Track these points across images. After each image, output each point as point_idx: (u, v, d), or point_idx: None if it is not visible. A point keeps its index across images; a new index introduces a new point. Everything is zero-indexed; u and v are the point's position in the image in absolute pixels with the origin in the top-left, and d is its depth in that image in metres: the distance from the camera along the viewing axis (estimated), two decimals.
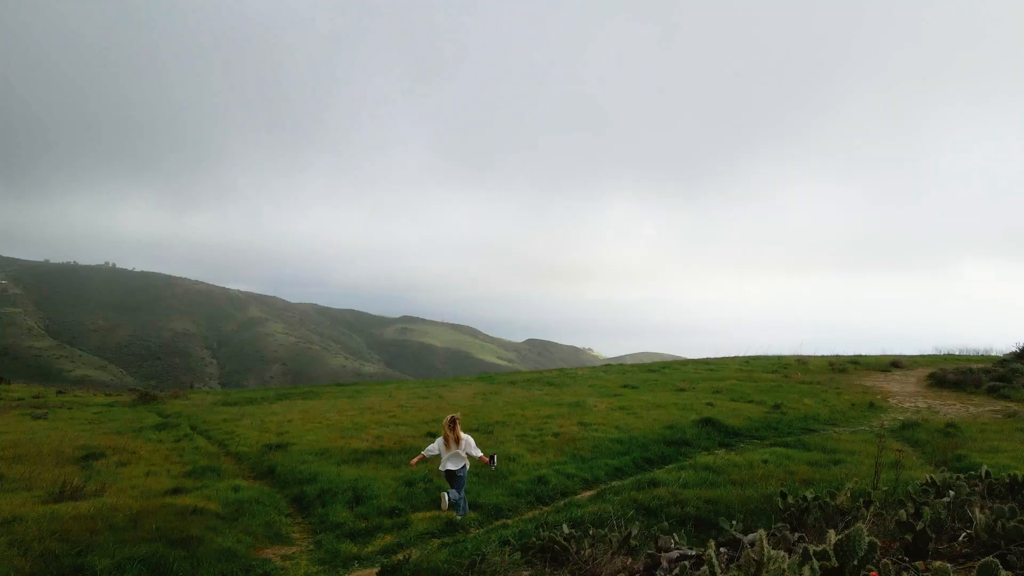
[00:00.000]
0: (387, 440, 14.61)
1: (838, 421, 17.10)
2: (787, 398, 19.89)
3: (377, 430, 16.01)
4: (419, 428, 16.05)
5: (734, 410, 17.89)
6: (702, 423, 15.60)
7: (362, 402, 22.00)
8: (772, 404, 18.67)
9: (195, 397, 28.15)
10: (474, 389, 25.26)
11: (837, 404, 19.26)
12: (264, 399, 25.00)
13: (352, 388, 28.06)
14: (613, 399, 20.27)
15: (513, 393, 23.32)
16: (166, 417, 21.35)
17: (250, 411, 20.94)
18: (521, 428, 15.39)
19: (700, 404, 18.68)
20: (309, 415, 19.02)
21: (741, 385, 23.17)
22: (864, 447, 12.77)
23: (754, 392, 21.34)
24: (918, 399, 21.46)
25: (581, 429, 15.23)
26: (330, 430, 16.23)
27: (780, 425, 16.06)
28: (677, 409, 17.92)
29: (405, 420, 17.22)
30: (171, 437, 16.30)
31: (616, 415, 17.08)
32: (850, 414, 18.12)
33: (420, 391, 24.98)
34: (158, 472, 12.17)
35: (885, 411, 19.03)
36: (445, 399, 21.99)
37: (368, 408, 20.01)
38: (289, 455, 13.29)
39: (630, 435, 14.42)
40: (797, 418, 17.03)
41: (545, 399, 20.97)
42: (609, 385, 25.08)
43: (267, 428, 16.96)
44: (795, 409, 18.14)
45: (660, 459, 12.71)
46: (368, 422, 17.12)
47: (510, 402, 20.55)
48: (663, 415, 17.00)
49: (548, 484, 10.75)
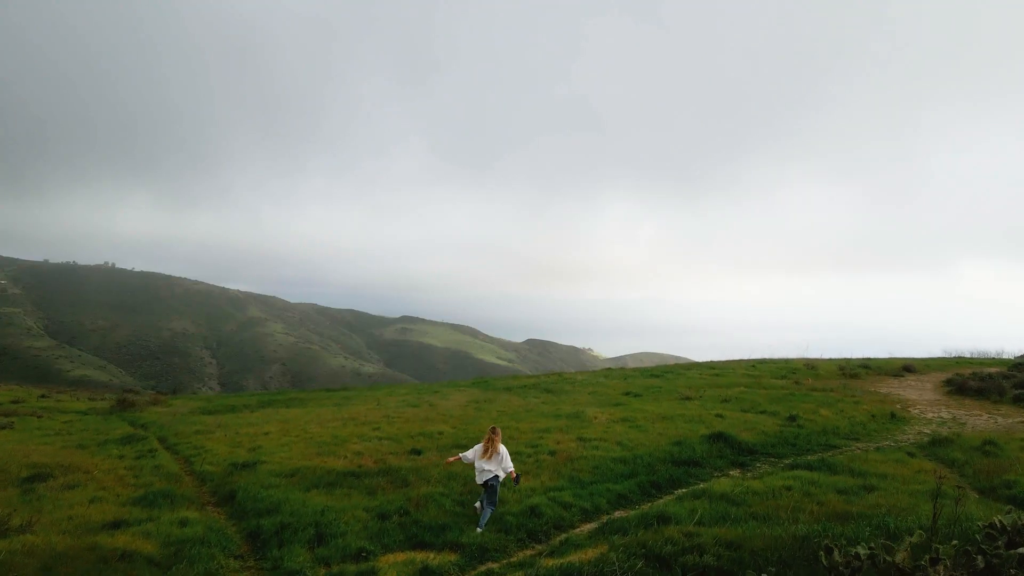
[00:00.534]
0: (367, 458, 13.26)
1: (859, 435, 15.75)
2: (802, 408, 18.53)
3: (358, 445, 14.67)
4: (403, 443, 14.70)
5: (746, 422, 16.53)
6: (713, 438, 14.24)
7: (347, 411, 20.67)
8: (786, 416, 17.30)
9: (176, 403, 26.81)
10: (467, 396, 23.92)
11: (856, 415, 17.90)
12: (246, 406, 23.69)
13: (340, 394, 26.73)
14: (615, 409, 18.91)
15: (508, 401, 21.97)
16: (138, 427, 20.05)
17: (228, 421, 19.61)
18: (515, 444, 14.02)
19: (709, 416, 17.32)
20: (288, 426, 17.68)
21: (751, 393, 21.80)
22: (896, 469, 11.42)
23: (765, 401, 19.98)
24: (940, 408, 20.11)
25: (580, 446, 13.87)
26: (307, 445, 14.89)
27: (798, 440, 14.70)
28: (684, 421, 16.57)
29: (389, 434, 15.87)
30: (134, 452, 14.97)
31: (618, 428, 15.72)
32: (871, 427, 16.77)
33: (410, 398, 23.64)
34: (104, 498, 10.82)
35: (908, 422, 17.68)
36: (436, 408, 20.65)
37: (352, 418, 18.67)
38: (256, 476, 11.94)
39: (634, 453, 13.06)
40: (815, 432, 15.67)
41: (542, 408, 19.62)
42: (610, 393, 23.72)
43: (240, 442, 15.62)
44: (812, 421, 16.78)
45: (668, 483, 11.35)
46: (349, 435, 15.78)
47: (504, 412, 19.20)
48: (669, 429, 15.65)
49: (542, 516, 9.36)
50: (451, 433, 15.66)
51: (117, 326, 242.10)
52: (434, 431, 15.90)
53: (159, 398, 27.82)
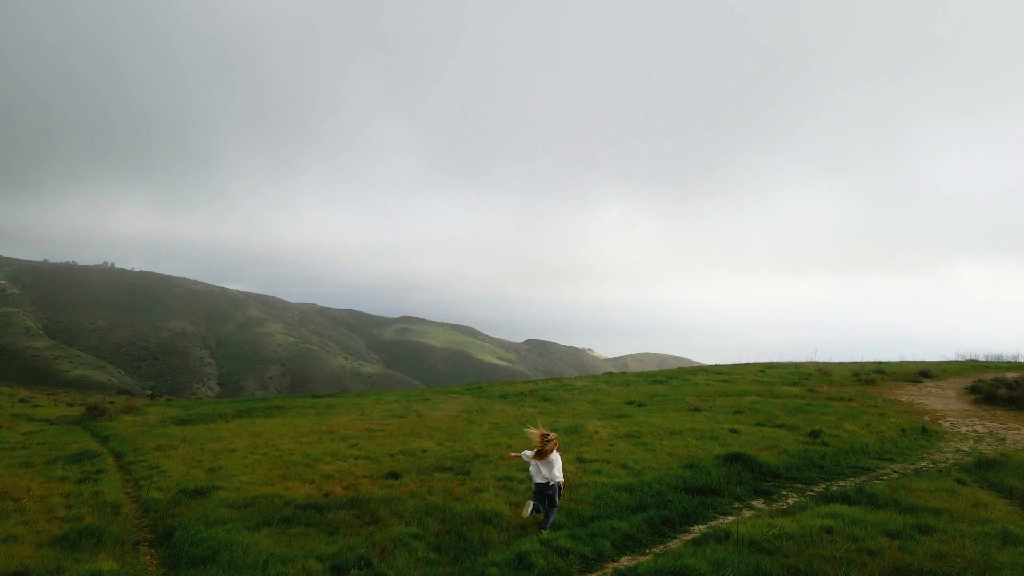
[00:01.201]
0: (337, 483, 11.64)
1: (892, 454, 14.10)
2: (823, 422, 16.88)
3: (331, 465, 13.05)
4: (381, 464, 13.07)
5: (764, 439, 14.87)
6: (729, 460, 12.58)
7: (328, 422, 19.05)
8: (808, 431, 15.65)
9: (152, 411, 25.20)
10: (459, 405, 22.28)
11: (884, 430, 16.24)
12: (221, 416, 22.07)
13: (325, 401, 25.10)
14: (617, 422, 17.27)
15: (503, 411, 20.32)
16: (101, 439, 18.48)
17: (196, 434, 18.00)
18: (505, 467, 12.40)
19: (722, 430, 15.67)
20: (259, 441, 16.07)
21: (765, 403, 20.14)
22: (949, 501, 9.77)
23: (782, 413, 18.32)
24: (973, 421, 18.45)
25: (580, 469, 12.23)
26: (273, 464, 13.27)
27: (825, 461, 13.04)
28: (695, 438, 14.91)
29: (368, 451, 14.24)
30: (80, 473, 13.35)
31: (622, 447, 14.07)
32: (903, 443, 15.11)
33: (398, 407, 22.01)
34: (21, 536, 9.20)
35: (941, 438, 16.02)
36: (424, 419, 19.01)
37: (331, 431, 17.05)
38: (205, 507, 10.31)
39: (641, 479, 11.41)
40: (842, 450, 14.01)
41: (537, 422, 17.94)
42: (612, 402, 22.08)
43: (200, 461, 14.01)
44: (837, 438, 15.12)
45: (683, 518, 9.67)
46: (323, 453, 14.16)
47: (497, 425, 17.56)
48: (679, 447, 13.99)
49: (533, 569, 7.69)
50: (435, 451, 14.02)
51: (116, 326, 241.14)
52: (417, 449, 14.26)
53: (133, 405, 26.22)
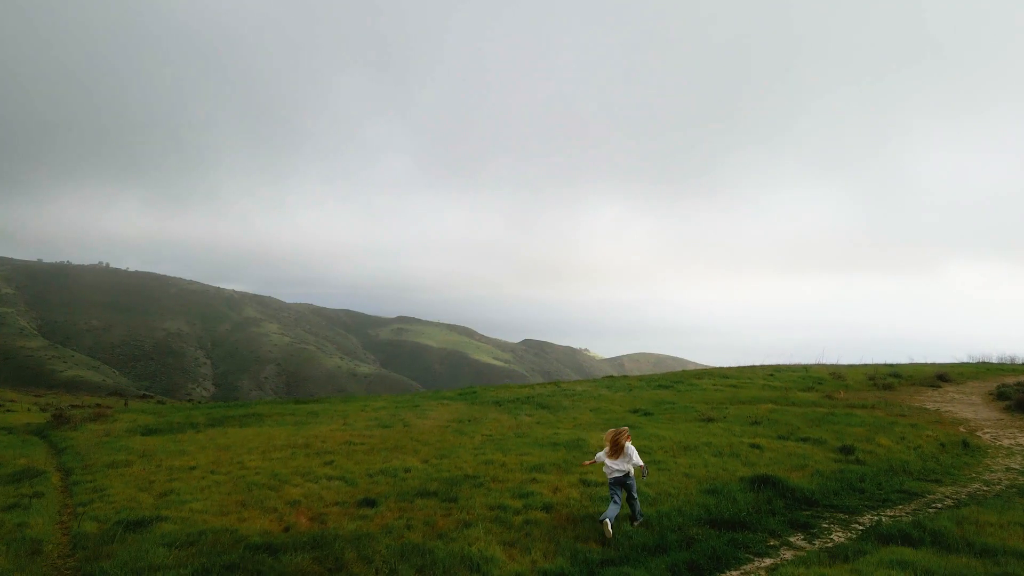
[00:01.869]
0: (302, 512, 9.97)
1: (937, 474, 12.46)
2: (852, 435, 15.24)
3: (299, 488, 11.38)
4: (357, 486, 11.40)
5: (790, 456, 13.21)
6: (756, 483, 10.92)
7: (306, 432, 17.38)
8: (838, 445, 14.01)
9: (123, 419, 23.46)
10: (450, 413, 20.60)
11: (921, 444, 14.60)
12: (194, 425, 20.36)
13: (307, 408, 23.38)
14: None
15: (497, 421, 18.65)
16: (58, 451, 16.83)
17: (159, 446, 16.30)
18: (498, 492, 10.71)
19: (741, 445, 14.00)
20: (224, 457, 14.39)
21: (782, 412, 18.49)
22: None
23: (804, 424, 16.67)
24: (1014, 433, 16.85)
25: (585, 495, 10.54)
26: (234, 487, 11.60)
27: (865, 484, 11.39)
28: (713, 454, 13.24)
29: (344, 470, 12.56)
30: (12, 497, 11.66)
31: None
32: (945, 460, 13.49)
33: (384, 415, 20.32)
34: None
35: (985, 453, 14.40)
36: (411, 430, 17.33)
37: (306, 444, 15.37)
38: (140, 545, 8.63)
39: (658, 509, 9.73)
40: (882, 470, 12.38)
41: (535, 432, 16.31)
42: (615, 409, 20.42)
43: (153, 481, 12.33)
44: (872, 454, 13.48)
45: (711, 562, 7.98)
46: (293, 472, 12.49)
47: (490, 437, 15.88)
48: (697, 466, 12.31)
49: None
50: (419, 471, 12.33)
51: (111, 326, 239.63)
52: (399, 467, 12.57)
53: (104, 412, 24.49)
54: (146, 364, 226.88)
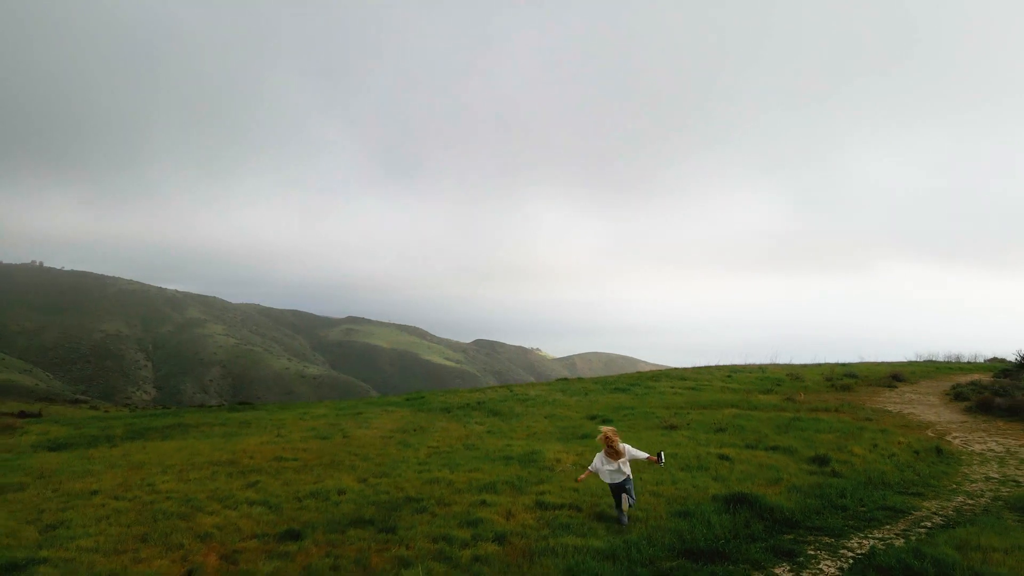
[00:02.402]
0: (212, 549, 8.48)
1: (917, 485, 11.61)
2: (823, 443, 14.38)
3: (215, 516, 9.85)
4: (282, 513, 9.93)
5: (762, 468, 12.20)
6: (732, 503, 9.84)
7: (235, 445, 15.75)
8: (811, 455, 13.09)
9: (33, 430, 21.32)
10: (395, 421, 19.17)
11: (894, 450, 13.80)
12: (109, 438, 18.47)
13: (240, 417, 21.63)
14: (582, 445, 14.46)
15: (445, 430, 17.31)
16: None
17: (62, 465, 14.46)
18: (444, 519, 9.38)
19: (709, 456, 12.95)
20: (134, 477, 12.70)
21: (746, 418, 17.60)
22: None
23: (771, 431, 15.77)
24: (982, 437, 16.26)
25: (542, 522, 9.28)
26: (139, 516, 10.00)
27: (846, 500, 10.42)
28: (680, 468, 12.15)
29: (270, 493, 11.07)
30: None
31: (594, 484, 11.22)
32: (923, 470, 12.68)
33: (323, 425, 18.77)
34: None
35: (960, 460, 13.68)
36: (350, 442, 15.87)
37: (231, 461, 13.78)
38: None
39: (625, 538, 8.55)
40: (860, 483, 11.46)
41: (486, 444, 15.03)
42: (571, 415, 19.28)
43: (43, 511, 10.61)
44: (847, 464, 12.58)
45: None
46: (211, 496, 10.94)
47: (437, 450, 14.54)
48: (664, 482, 11.19)
49: None
50: (355, 493, 10.92)
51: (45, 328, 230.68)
52: (333, 489, 11.14)
53: (10, 423, 22.29)
54: (82, 367, 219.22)
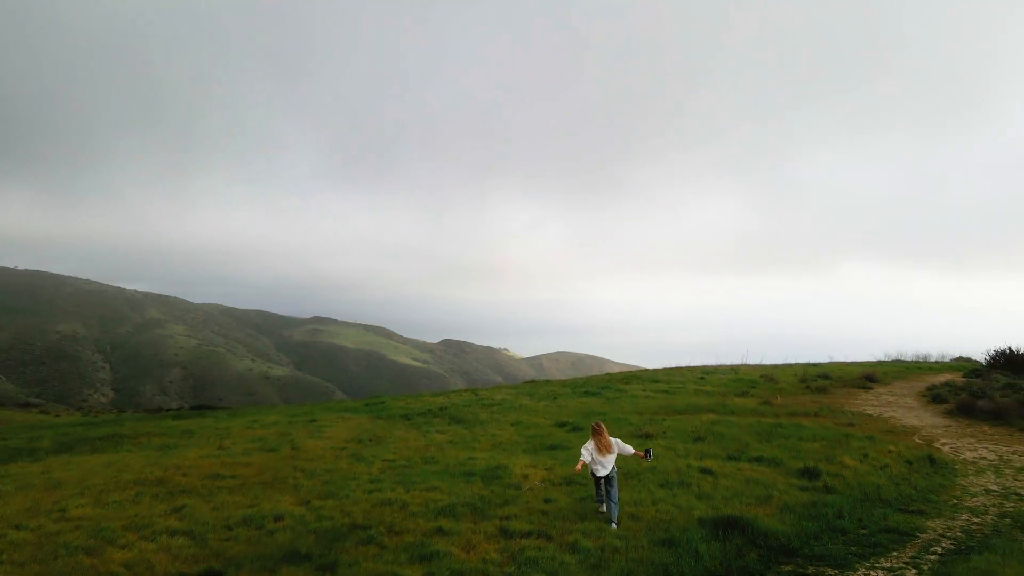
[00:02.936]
0: None
1: (916, 502, 10.64)
2: (809, 452, 13.39)
3: (128, 551, 8.47)
4: (207, 545, 8.55)
5: (749, 483, 11.12)
6: (721, 528, 8.72)
7: (169, 460, 14.25)
8: (799, 467, 12.06)
9: None
10: (351, 429, 17.78)
11: (888, 463, 12.82)
12: (34, 452, 16.85)
13: (183, 426, 20.04)
14: (551, 457, 13.27)
15: (403, 440, 15.99)
16: None
17: None
18: (393, 552, 8.11)
19: (690, 471, 11.84)
20: (46, 500, 11.20)
21: (725, 424, 16.56)
22: None
23: (752, 439, 14.76)
24: (972, 443, 15.45)
25: (506, 554, 8.06)
26: (38, 550, 8.58)
27: (845, 522, 9.37)
28: (658, 484, 11.01)
29: (196, 519, 9.67)
30: None
31: (564, 503, 10.04)
32: (919, 482, 11.73)
33: (272, 434, 17.31)
34: None
35: (954, 471, 12.78)
36: (299, 454, 14.48)
37: (161, 480, 12.31)
38: None
39: (601, 574, 7.38)
40: (856, 499, 10.45)
41: (447, 456, 13.76)
42: (539, 423, 18.08)
43: None
44: (839, 478, 11.57)
45: None
46: (128, 524, 9.51)
47: (392, 464, 13.22)
48: (643, 503, 10.01)
49: None
50: (295, 517, 9.57)
51: None
52: (269, 514, 9.76)
53: None
54: (36, 369, 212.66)
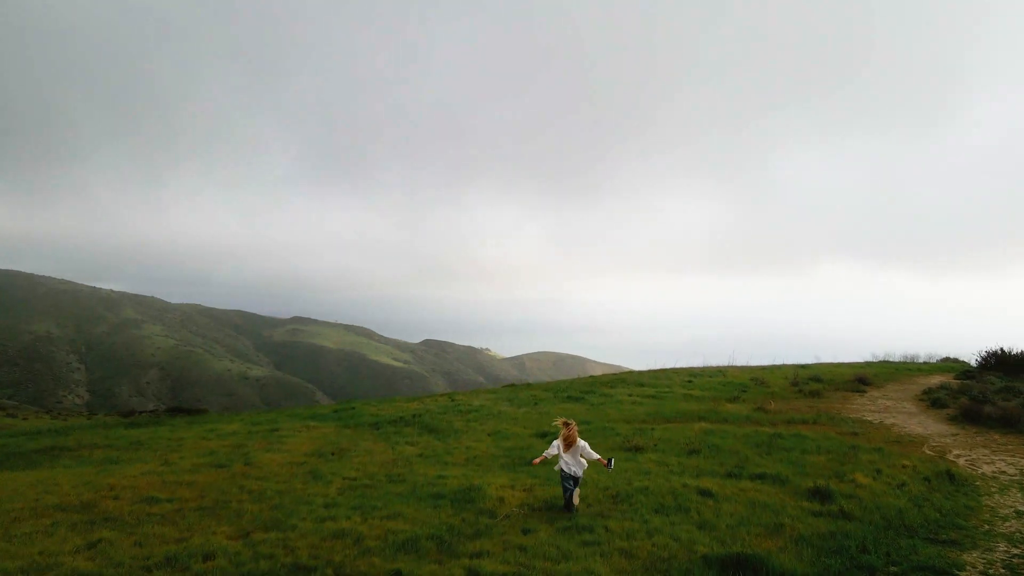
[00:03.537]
0: None
1: (946, 529, 9.37)
2: (814, 467, 12.12)
3: None
4: None
5: (755, 507, 9.80)
6: (728, 569, 7.39)
7: (105, 478, 12.67)
8: (807, 486, 10.77)
9: None
10: (312, 441, 16.27)
11: (905, 480, 11.56)
12: None
13: (132, 437, 18.37)
14: (531, 476, 11.91)
15: (369, 454, 14.52)
16: None
17: None
18: None
19: (687, 492, 10.50)
20: None
21: (720, 434, 15.27)
22: None
23: (751, 451, 13.47)
24: (986, 455, 14.28)
25: None
26: None
27: (871, 558, 8.05)
28: (654, 510, 9.64)
29: (111, 558, 8.15)
30: None
31: (544, 536, 8.65)
32: (942, 504, 10.48)
33: (227, 446, 15.77)
34: None
35: (976, 488, 11.56)
36: (252, 469, 12.99)
37: (88, 503, 10.75)
38: None
39: None
40: (878, 526, 9.16)
41: (415, 475, 12.31)
42: (520, 433, 16.70)
43: None
44: (854, 499, 10.29)
45: None
46: (27, 567, 7.96)
47: (353, 483, 11.76)
48: (637, 534, 8.65)
49: None
50: (229, 554, 8.08)
51: None
52: (198, 551, 8.26)
53: None
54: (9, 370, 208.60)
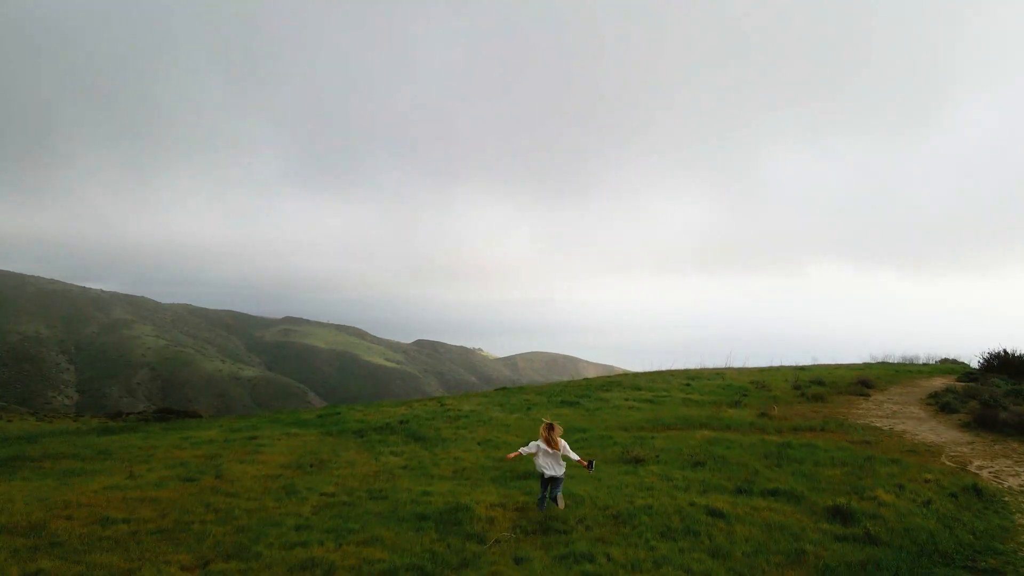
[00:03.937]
0: None
1: (983, 555, 8.47)
2: (829, 481, 11.21)
3: None
4: None
5: (772, 531, 8.86)
6: None
7: (63, 493, 11.63)
8: (826, 505, 9.85)
9: None
10: (292, 451, 15.25)
11: (932, 498, 10.65)
12: None
13: (101, 445, 17.29)
14: (524, 492, 10.95)
15: (350, 466, 13.52)
16: None
17: None
18: None
19: (696, 513, 9.55)
20: None
21: (724, 444, 14.33)
22: None
23: (760, 463, 12.53)
24: (1013, 468, 13.41)
25: None
26: None
27: None
28: (659, 535, 8.68)
29: None
30: None
31: (539, 567, 7.70)
32: (975, 524, 9.58)
33: (199, 457, 14.73)
34: None
35: (1006, 506, 10.66)
36: (224, 483, 11.99)
37: (38, 524, 9.70)
38: None
39: None
40: (911, 553, 8.23)
41: (398, 490, 11.31)
42: (511, 440, 15.70)
43: None
44: (879, 520, 9.37)
45: None
46: None
47: (330, 499, 10.78)
48: (643, 565, 7.69)
49: None
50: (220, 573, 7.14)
51: None
52: None
53: None
54: None
